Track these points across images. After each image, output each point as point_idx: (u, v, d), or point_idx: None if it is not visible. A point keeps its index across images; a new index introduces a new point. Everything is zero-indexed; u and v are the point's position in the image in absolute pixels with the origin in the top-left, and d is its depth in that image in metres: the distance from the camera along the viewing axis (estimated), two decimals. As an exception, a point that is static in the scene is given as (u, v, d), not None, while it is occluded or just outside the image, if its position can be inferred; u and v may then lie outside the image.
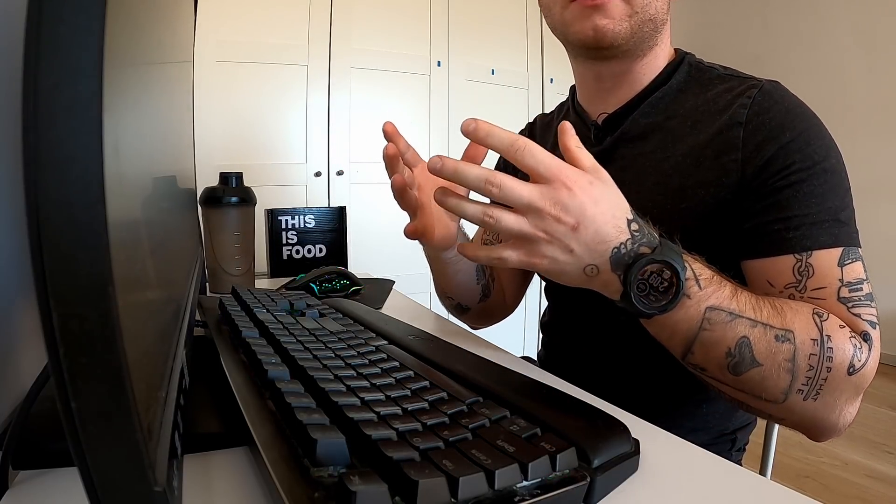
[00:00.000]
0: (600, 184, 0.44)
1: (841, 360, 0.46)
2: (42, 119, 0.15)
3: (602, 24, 0.58)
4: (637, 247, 0.43)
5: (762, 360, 0.45)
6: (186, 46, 0.70)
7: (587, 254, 0.43)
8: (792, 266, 0.50)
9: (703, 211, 0.56)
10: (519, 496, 0.26)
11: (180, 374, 0.33)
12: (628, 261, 0.43)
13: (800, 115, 0.54)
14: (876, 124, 2.85)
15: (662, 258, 0.43)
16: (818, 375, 0.46)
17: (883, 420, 2.08)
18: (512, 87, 2.42)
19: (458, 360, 0.46)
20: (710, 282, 0.45)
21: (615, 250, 0.43)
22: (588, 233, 0.42)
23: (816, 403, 0.46)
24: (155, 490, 0.20)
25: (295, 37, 1.97)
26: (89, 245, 0.16)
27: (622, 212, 0.44)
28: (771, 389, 0.46)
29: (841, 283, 0.49)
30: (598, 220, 0.42)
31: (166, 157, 0.41)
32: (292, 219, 1.10)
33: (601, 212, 0.42)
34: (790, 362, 0.45)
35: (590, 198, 0.42)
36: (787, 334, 0.45)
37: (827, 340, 0.46)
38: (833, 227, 0.50)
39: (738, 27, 3.33)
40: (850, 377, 0.46)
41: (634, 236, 0.44)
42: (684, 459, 0.37)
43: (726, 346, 0.46)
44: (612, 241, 0.43)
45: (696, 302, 0.45)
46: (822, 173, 0.51)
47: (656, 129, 0.62)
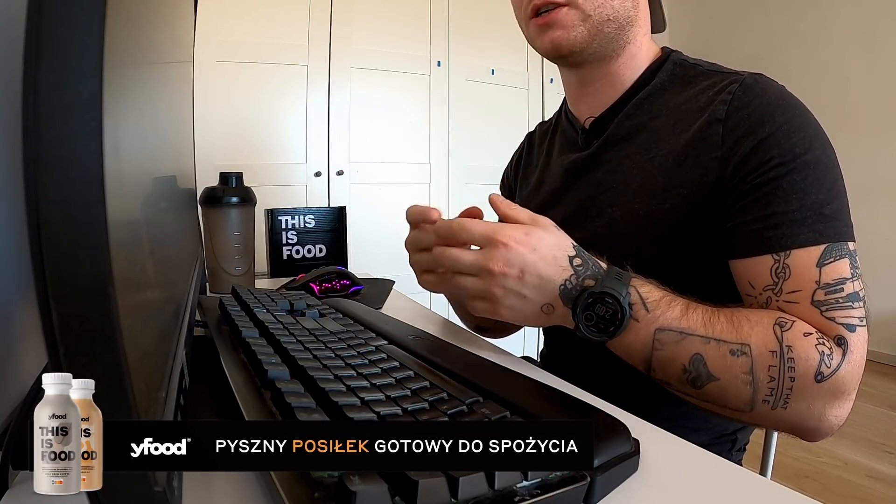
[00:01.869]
0: (538, 231, 0.48)
1: (805, 368, 0.45)
2: (42, 119, 0.15)
3: (556, 37, 0.59)
4: (581, 280, 0.48)
5: (718, 374, 0.47)
6: (186, 46, 0.70)
7: (538, 295, 0.48)
8: (770, 267, 0.50)
9: (687, 210, 0.56)
10: (519, 496, 0.26)
11: (180, 374, 0.33)
12: (575, 294, 0.48)
13: (781, 107, 0.52)
14: (876, 124, 2.85)
15: (603, 289, 0.47)
16: (781, 385, 0.46)
17: (883, 420, 2.08)
18: (512, 87, 2.42)
19: (458, 360, 0.46)
20: (657, 304, 0.48)
21: (562, 287, 0.48)
22: (533, 277, 0.47)
23: (788, 411, 0.47)
24: (155, 490, 0.20)
25: (295, 37, 1.97)
26: (89, 245, 0.16)
27: (563, 251, 0.48)
28: (734, 401, 0.47)
29: (817, 286, 0.48)
30: (538, 264, 0.47)
31: (166, 157, 0.41)
32: (292, 219, 1.10)
33: (541, 256, 0.47)
34: (748, 374, 0.46)
35: (527, 247, 0.47)
36: (742, 348, 0.46)
37: (787, 351, 0.46)
38: (816, 223, 0.49)
39: (738, 27, 3.33)
40: (820, 384, 0.46)
41: (577, 271, 0.48)
42: (684, 459, 0.37)
43: (681, 364, 0.48)
44: (557, 279, 0.48)
45: (644, 325, 0.48)
46: (803, 167, 0.50)
47: (641, 129, 0.62)
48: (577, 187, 0.67)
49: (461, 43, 2.27)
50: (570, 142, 0.70)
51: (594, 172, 0.65)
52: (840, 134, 0.54)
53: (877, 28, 2.83)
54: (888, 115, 2.82)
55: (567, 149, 0.70)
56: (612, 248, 0.61)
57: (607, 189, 0.63)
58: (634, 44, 0.63)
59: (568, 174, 0.68)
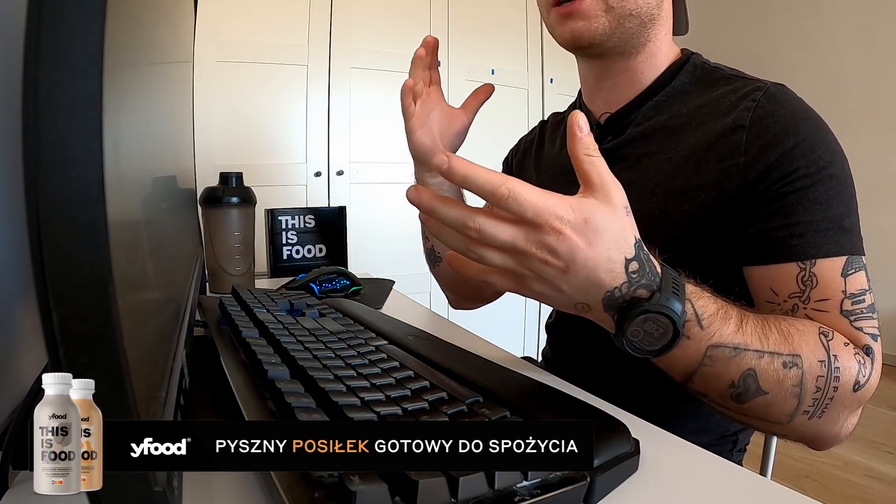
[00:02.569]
0: (601, 215, 0.38)
1: (847, 378, 0.46)
2: (42, 119, 0.15)
3: (577, 27, 0.59)
4: (634, 290, 0.40)
5: (768, 388, 0.44)
6: (186, 46, 0.70)
7: (578, 294, 0.40)
8: (796, 275, 0.50)
9: (704, 214, 0.56)
10: (519, 496, 0.26)
11: (180, 374, 0.33)
12: (623, 304, 0.40)
13: (805, 119, 0.53)
14: (876, 124, 2.85)
15: (658, 308, 0.40)
16: (825, 396, 0.45)
17: (883, 420, 2.08)
18: (512, 87, 2.42)
19: (458, 360, 0.46)
20: (713, 319, 0.43)
21: (608, 294, 0.40)
22: (579, 277, 0.39)
23: (821, 420, 0.46)
24: (155, 490, 0.20)
25: (295, 37, 1.97)
26: (89, 245, 0.16)
27: (620, 252, 0.39)
28: (776, 414, 0.46)
29: (844, 295, 0.48)
30: (589, 264, 0.38)
31: (166, 157, 0.41)
32: (292, 219, 1.10)
33: (595, 255, 0.38)
34: (797, 387, 0.45)
35: (583, 239, 0.38)
36: (794, 359, 0.45)
37: (834, 360, 0.45)
38: (837, 235, 0.49)
39: (738, 27, 3.33)
40: (855, 393, 0.46)
41: (631, 279, 0.40)
42: (684, 459, 0.37)
43: (729, 380, 0.44)
44: (606, 285, 0.39)
45: (696, 342, 0.43)
46: (826, 179, 0.50)
47: (660, 129, 0.62)
48: None
49: (461, 43, 2.27)
50: None
51: (610, 168, 0.65)
52: (840, 134, 0.54)
53: (877, 28, 2.83)
54: (888, 114, 2.82)
55: None
56: None
57: (623, 186, 0.63)
58: (655, 42, 0.63)
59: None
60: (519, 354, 0.68)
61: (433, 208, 0.38)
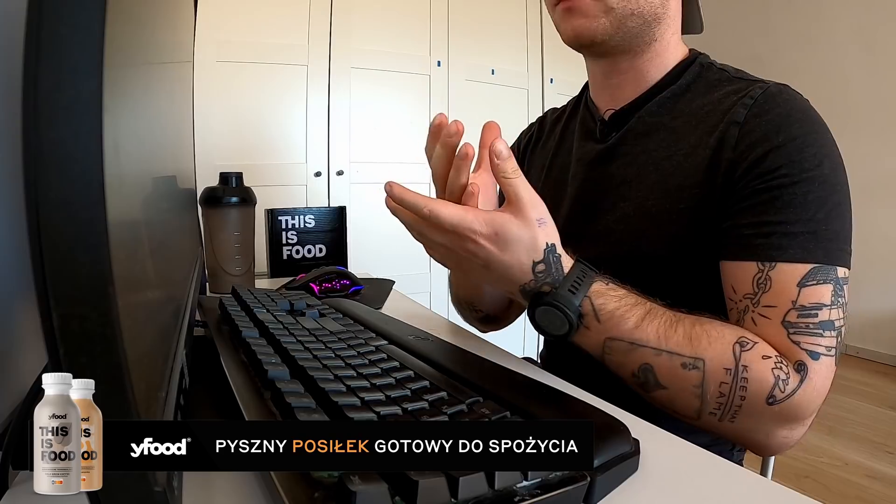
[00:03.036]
0: (512, 229, 0.47)
1: (756, 389, 0.46)
2: (42, 119, 0.15)
3: (578, 24, 0.59)
4: (539, 285, 0.49)
5: (666, 384, 0.49)
6: (186, 46, 0.70)
7: (501, 284, 0.51)
8: (753, 275, 0.50)
9: (698, 211, 0.56)
10: (519, 496, 0.26)
11: (180, 374, 0.33)
12: (532, 295, 0.50)
13: (800, 120, 0.52)
14: (876, 124, 2.85)
15: (553, 301, 0.48)
16: (731, 402, 0.47)
17: (883, 420, 2.08)
18: (512, 87, 2.42)
19: (458, 360, 0.46)
20: (611, 315, 0.49)
21: (521, 287, 0.49)
22: (497, 273, 0.48)
23: (735, 425, 0.48)
24: (155, 490, 0.20)
25: (295, 37, 1.97)
26: (89, 245, 0.16)
27: (530, 256, 0.48)
28: (682, 409, 0.49)
29: (792, 306, 0.48)
30: (503, 265, 0.48)
31: (166, 157, 0.41)
32: (292, 219, 1.10)
33: (507, 258, 0.47)
34: (698, 388, 0.48)
35: (496, 247, 0.47)
36: (695, 362, 0.48)
37: (742, 371, 0.47)
38: (808, 241, 0.48)
39: (738, 27, 3.33)
40: (771, 406, 0.46)
41: (537, 277, 0.49)
42: (684, 459, 0.37)
43: (630, 370, 0.50)
44: (518, 281, 0.49)
45: (595, 333, 0.50)
46: (808, 182, 0.49)
47: (661, 127, 0.62)
48: (590, 178, 0.67)
49: (461, 43, 2.27)
50: (588, 131, 0.70)
51: (609, 165, 0.65)
52: (840, 134, 0.53)
53: (877, 28, 2.83)
54: (888, 114, 2.82)
55: (584, 138, 0.70)
56: (623, 243, 0.61)
57: (621, 183, 0.63)
58: (661, 42, 0.62)
59: (582, 164, 0.68)
60: (519, 354, 0.68)
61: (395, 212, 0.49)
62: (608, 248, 0.62)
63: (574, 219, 0.66)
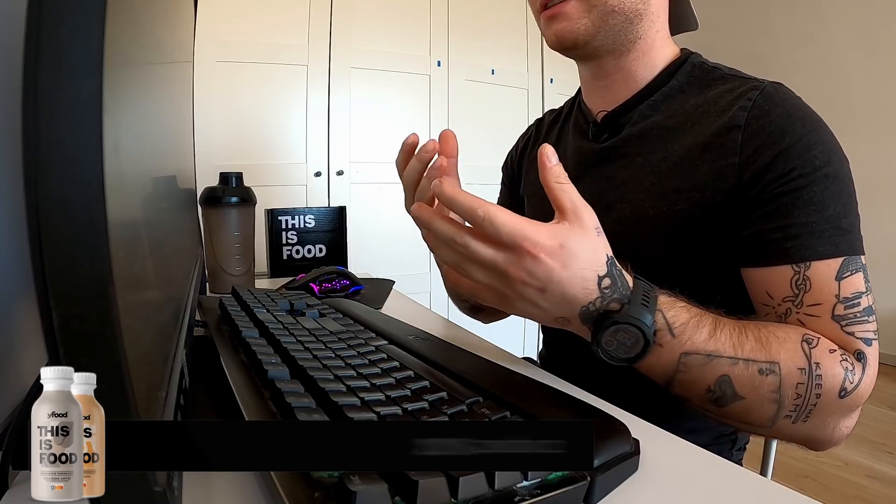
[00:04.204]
0: (574, 239, 0.42)
1: (831, 385, 0.46)
2: (42, 119, 0.15)
3: (560, 28, 0.60)
4: (606, 303, 0.44)
5: (745, 394, 0.46)
6: (186, 46, 0.70)
7: (556, 310, 0.44)
8: (790, 278, 0.50)
9: (698, 214, 0.55)
10: (519, 496, 0.26)
11: (180, 374, 0.33)
12: (597, 317, 0.44)
13: (801, 119, 0.52)
14: (877, 124, 2.85)
15: (628, 319, 0.43)
16: (807, 402, 0.46)
17: (883, 420, 2.08)
18: (512, 87, 2.42)
19: (458, 360, 0.46)
20: (684, 328, 0.46)
21: (584, 308, 0.44)
22: (556, 296, 0.43)
23: (807, 425, 0.47)
24: (155, 490, 0.20)
25: (295, 37, 1.97)
26: (89, 245, 0.16)
27: (593, 270, 0.43)
28: (757, 418, 0.47)
29: (837, 300, 0.48)
30: (564, 284, 0.42)
31: (166, 157, 0.41)
32: (292, 219, 1.10)
33: (569, 276, 0.42)
34: (776, 393, 0.46)
35: (559, 262, 0.41)
36: (771, 366, 0.46)
37: (815, 368, 0.46)
38: (833, 236, 0.49)
39: (738, 27, 3.33)
40: (842, 399, 0.46)
41: (604, 294, 0.43)
42: (684, 459, 0.37)
43: (706, 385, 0.47)
44: (581, 301, 0.43)
45: (669, 350, 0.46)
46: (822, 179, 0.50)
47: (655, 128, 0.62)
48: (586, 180, 0.67)
49: (461, 43, 2.27)
50: (582, 133, 0.70)
51: (605, 167, 0.65)
52: (841, 134, 0.54)
53: (877, 28, 2.83)
54: (889, 114, 2.82)
55: (578, 139, 0.70)
56: (620, 245, 0.61)
57: (617, 185, 0.63)
58: (646, 40, 0.62)
59: (578, 166, 0.68)
60: (519, 354, 0.68)
61: (430, 222, 0.43)
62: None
63: None
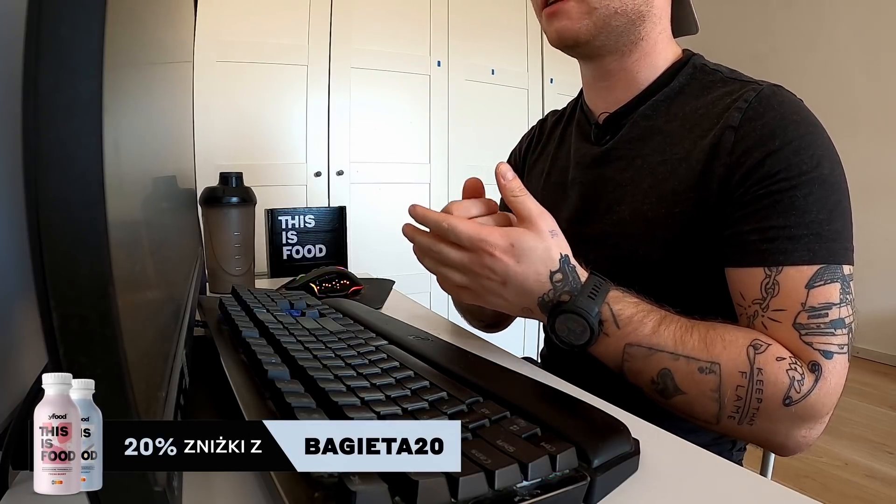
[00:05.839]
0: (527, 240, 0.48)
1: (772, 391, 0.46)
2: (42, 119, 0.15)
3: (561, 27, 0.60)
4: (558, 295, 0.50)
5: (685, 388, 0.49)
6: (186, 46, 0.70)
7: (518, 301, 0.51)
8: (761, 281, 0.50)
9: (695, 216, 0.55)
10: (519, 496, 0.26)
11: (180, 374, 0.33)
12: (551, 306, 0.50)
13: (795, 122, 0.51)
14: (877, 124, 2.85)
15: (574, 308, 0.49)
16: (748, 405, 0.47)
17: (883, 420, 2.08)
18: (512, 87, 2.42)
19: (458, 360, 0.46)
20: (629, 321, 0.50)
21: (540, 298, 0.50)
22: (514, 288, 0.50)
23: (753, 428, 0.48)
24: (155, 490, 0.20)
25: (295, 37, 1.97)
26: (89, 245, 0.16)
27: (546, 266, 0.49)
28: (700, 414, 0.50)
29: (802, 308, 0.48)
30: (519, 277, 0.49)
31: (166, 157, 0.41)
32: (292, 219, 1.10)
33: (523, 270, 0.49)
34: (715, 392, 0.48)
35: (512, 259, 0.48)
36: (712, 366, 0.48)
37: (757, 374, 0.47)
38: (812, 243, 0.48)
39: (738, 27, 3.33)
40: (788, 408, 0.46)
41: (556, 286, 0.50)
42: (684, 459, 0.37)
43: (649, 376, 0.50)
44: (536, 292, 0.50)
45: (614, 340, 0.50)
46: (807, 184, 0.49)
47: (655, 131, 0.62)
48: (587, 181, 0.67)
49: (461, 43, 2.27)
50: (584, 134, 0.70)
51: (605, 169, 0.65)
52: (841, 134, 0.54)
53: (878, 28, 2.83)
54: (889, 115, 2.82)
55: (580, 141, 0.70)
56: (620, 247, 0.61)
57: (616, 187, 0.63)
58: (648, 41, 0.62)
59: (579, 167, 0.68)
60: (519, 354, 0.68)
61: (413, 237, 0.53)
62: (605, 251, 0.62)
63: (573, 221, 0.66)
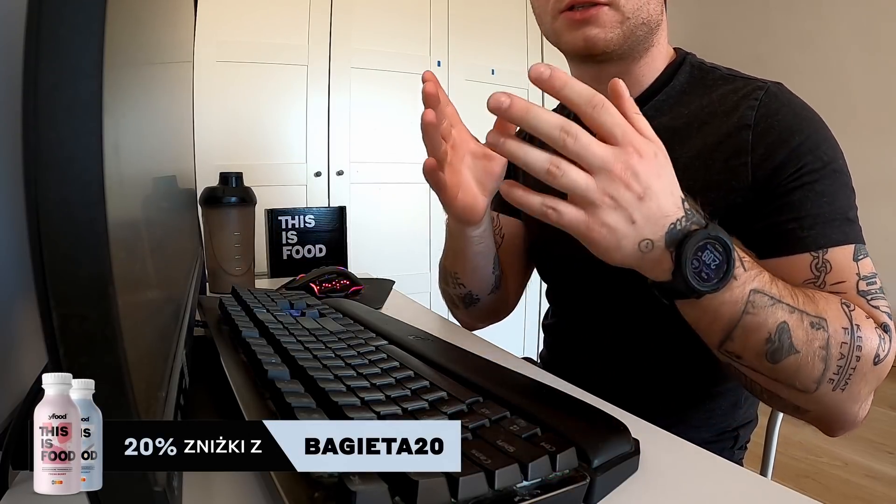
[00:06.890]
0: (663, 156, 0.42)
1: (869, 349, 0.47)
2: (42, 119, 0.15)
3: (593, 34, 0.58)
4: (689, 224, 0.42)
5: (799, 346, 0.45)
6: (186, 46, 0.70)
7: (647, 226, 0.41)
8: (809, 263, 0.51)
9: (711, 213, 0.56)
10: (519, 496, 0.26)
11: (180, 374, 0.33)
12: (681, 237, 0.42)
13: (807, 118, 0.55)
14: (877, 124, 2.85)
15: (716, 234, 0.42)
16: (848, 364, 0.46)
17: (883, 420, 2.08)
18: (512, 87, 2.41)
19: (458, 360, 0.46)
20: (752, 264, 0.45)
21: (671, 226, 0.42)
22: (651, 205, 0.41)
23: (843, 394, 0.47)
24: (155, 490, 0.20)
25: (295, 37, 1.97)
26: (89, 245, 0.16)
27: (677, 189, 0.43)
28: (804, 378, 0.46)
29: (858, 277, 0.50)
30: (660, 193, 0.41)
31: (166, 157, 0.41)
32: (292, 219, 1.10)
33: (663, 186, 0.41)
34: (824, 350, 0.45)
35: (656, 168, 0.41)
36: (821, 322, 0.46)
37: (857, 329, 0.47)
38: (844, 226, 0.52)
39: (738, 27, 3.32)
40: (876, 367, 0.47)
41: (688, 214, 0.42)
42: (684, 459, 0.37)
43: (767, 332, 0.45)
44: (671, 216, 0.41)
45: (741, 283, 0.44)
46: (831, 174, 0.52)
47: (661, 130, 0.61)
48: None
49: (461, 43, 2.27)
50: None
51: None
52: (841, 134, 0.55)
53: (878, 28, 2.83)
54: (889, 114, 2.82)
55: None
56: None
57: None
58: (657, 47, 0.63)
59: None
60: (519, 354, 0.68)
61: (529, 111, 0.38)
62: None
63: None
